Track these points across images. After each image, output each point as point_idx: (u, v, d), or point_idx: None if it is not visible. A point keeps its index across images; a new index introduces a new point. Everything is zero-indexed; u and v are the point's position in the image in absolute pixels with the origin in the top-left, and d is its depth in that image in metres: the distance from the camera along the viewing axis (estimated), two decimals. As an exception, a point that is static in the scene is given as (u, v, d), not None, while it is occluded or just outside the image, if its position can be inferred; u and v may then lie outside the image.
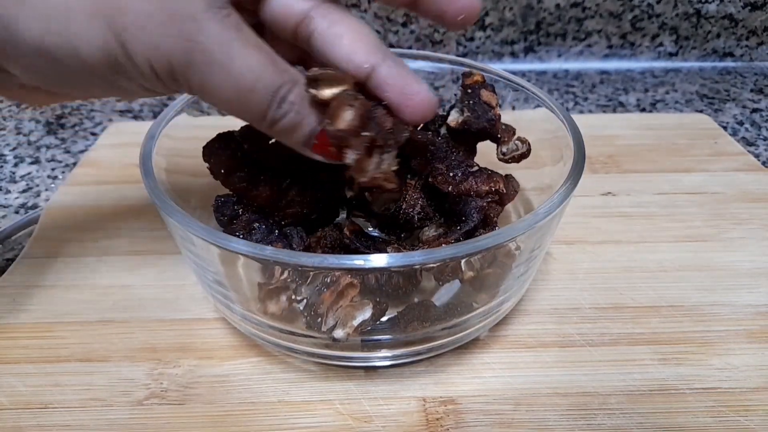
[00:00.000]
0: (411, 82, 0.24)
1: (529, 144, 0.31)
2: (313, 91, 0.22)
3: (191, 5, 0.20)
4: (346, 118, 0.22)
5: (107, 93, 0.23)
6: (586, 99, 0.59)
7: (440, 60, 0.37)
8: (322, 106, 0.23)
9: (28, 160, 0.47)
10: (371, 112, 0.23)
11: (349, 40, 0.23)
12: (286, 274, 0.25)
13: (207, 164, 0.28)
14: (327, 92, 0.22)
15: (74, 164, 0.46)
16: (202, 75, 0.21)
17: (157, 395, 0.27)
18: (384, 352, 0.28)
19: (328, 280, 0.24)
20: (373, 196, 0.29)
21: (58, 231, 0.37)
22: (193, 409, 0.27)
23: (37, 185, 0.44)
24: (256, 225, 0.28)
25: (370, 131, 0.23)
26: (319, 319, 0.25)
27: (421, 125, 0.34)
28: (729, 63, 0.66)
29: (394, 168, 0.25)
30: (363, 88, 0.24)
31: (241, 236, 0.27)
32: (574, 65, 0.65)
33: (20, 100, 0.25)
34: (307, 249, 0.28)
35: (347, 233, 0.29)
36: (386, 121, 0.23)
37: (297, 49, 0.25)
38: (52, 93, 0.24)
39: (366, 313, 0.25)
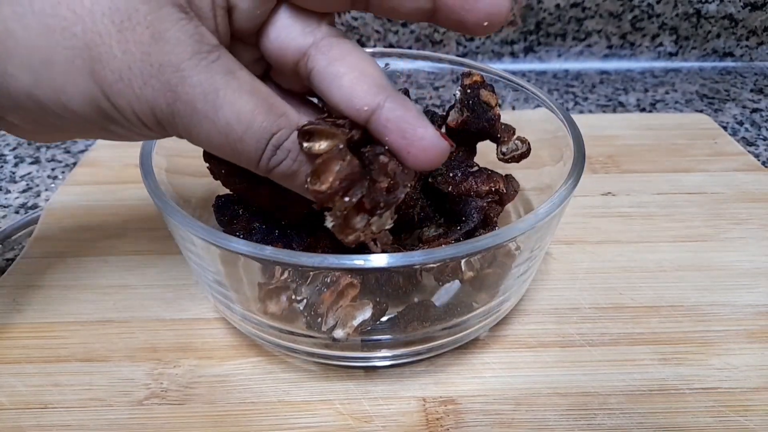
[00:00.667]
0: (414, 125, 0.21)
1: (529, 143, 0.31)
2: (306, 144, 0.21)
3: (175, 54, 0.19)
4: (327, 179, 0.21)
5: (107, 138, 0.22)
6: (586, 99, 0.59)
7: (440, 60, 0.37)
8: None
9: (28, 160, 0.47)
10: (361, 173, 0.21)
11: (348, 81, 0.21)
12: (286, 274, 0.25)
13: (207, 165, 0.28)
14: (321, 145, 0.21)
15: (74, 164, 0.46)
16: (187, 126, 0.20)
17: (157, 395, 0.27)
18: (384, 352, 0.28)
19: (328, 280, 0.24)
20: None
21: (58, 231, 0.37)
22: (193, 409, 0.27)
23: (37, 185, 0.44)
24: (256, 225, 0.28)
25: (353, 196, 0.21)
26: (319, 319, 0.25)
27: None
28: (729, 63, 0.66)
29: (389, 226, 0.23)
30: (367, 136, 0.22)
31: (241, 236, 0.27)
32: (574, 65, 0.65)
33: (31, 139, 0.24)
34: (308, 249, 0.28)
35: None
36: (382, 178, 0.21)
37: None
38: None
39: (366, 313, 0.25)
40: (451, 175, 0.30)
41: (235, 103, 0.20)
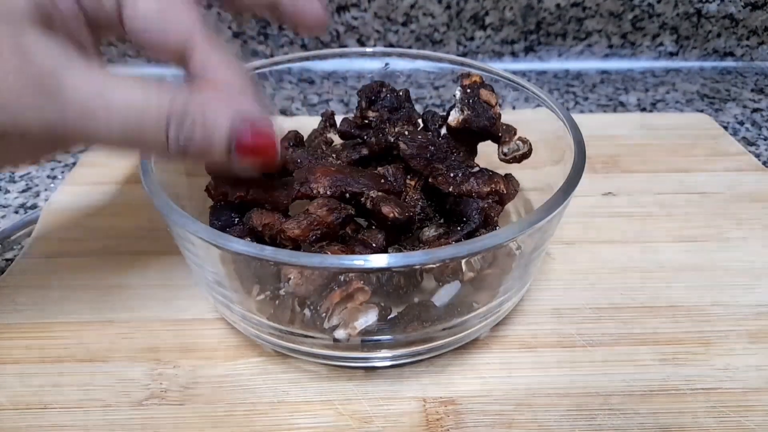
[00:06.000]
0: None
1: (530, 144, 0.31)
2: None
3: (51, 60, 0.19)
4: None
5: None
6: (586, 99, 0.59)
7: (440, 60, 0.37)
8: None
9: (28, 159, 0.47)
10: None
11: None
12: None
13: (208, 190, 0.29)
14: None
15: (74, 164, 0.46)
16: (82, 128, 0.20)
17: (156, 396, 0.27)
18: (384, 353, 0.28)
19: (342, 279, 0.24)
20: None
21: (57, 231, 0.37)
22: (193, 410, 0.27)
23: (37, 185, 0.44)
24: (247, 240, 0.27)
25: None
26: (324, 314, 0.25)
27: (421, 126, 0.34)
28: (729, 63, 0.66)
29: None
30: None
31: None
32: (574, 65, 0.65)
33: None
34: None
35: (348, 231, 0.29)
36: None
37: None
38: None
39: (371, 317, 0.25)
40: (452, 175, 0.30)
41: (123, 93, 0.20)
